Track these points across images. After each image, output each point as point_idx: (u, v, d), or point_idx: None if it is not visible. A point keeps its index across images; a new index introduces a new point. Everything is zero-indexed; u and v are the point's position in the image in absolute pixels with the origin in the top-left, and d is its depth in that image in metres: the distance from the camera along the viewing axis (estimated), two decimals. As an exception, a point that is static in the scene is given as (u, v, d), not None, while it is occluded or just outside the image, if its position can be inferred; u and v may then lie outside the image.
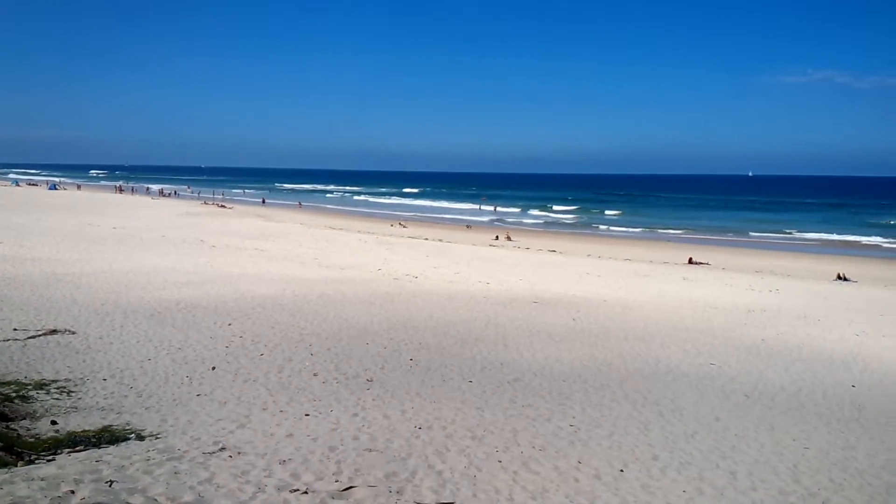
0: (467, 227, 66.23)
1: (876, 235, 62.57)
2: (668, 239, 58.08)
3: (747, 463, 10.96)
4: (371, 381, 14.12)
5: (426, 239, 47.72)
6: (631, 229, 67.60)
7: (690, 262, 39.31)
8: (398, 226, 61.50)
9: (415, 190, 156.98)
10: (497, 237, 52.46)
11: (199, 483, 8.84)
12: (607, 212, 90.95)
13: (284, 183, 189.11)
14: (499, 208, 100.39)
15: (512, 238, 52.27)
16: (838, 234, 64.33)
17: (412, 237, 48.70)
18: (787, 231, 66.51)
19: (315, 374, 14.37)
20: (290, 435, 10.90)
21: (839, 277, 34.05)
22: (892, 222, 76.51)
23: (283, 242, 39.62)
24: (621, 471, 10.37)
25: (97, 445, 9.97)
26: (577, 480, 9.94)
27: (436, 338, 18.11)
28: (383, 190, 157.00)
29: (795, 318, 23.08)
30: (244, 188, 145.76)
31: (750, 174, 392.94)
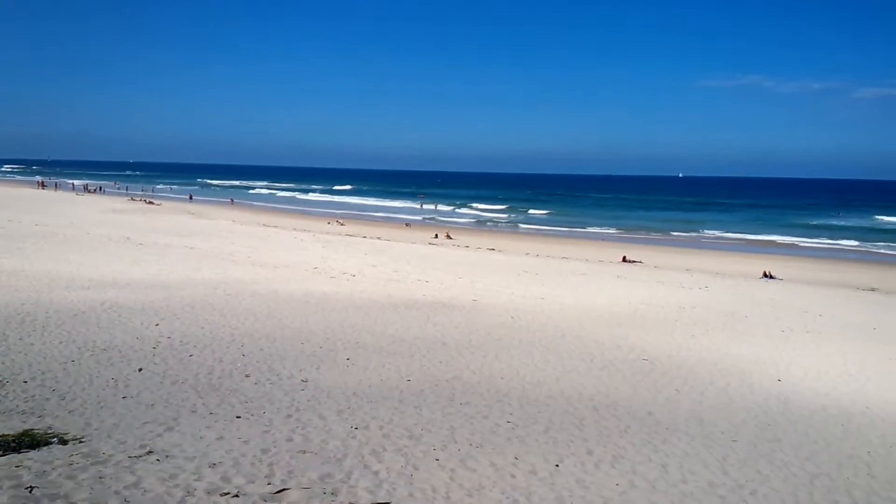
0: (406, 225, 66.04)
1: (795, 235, 65.27)
2: (603, 238, 59.23)
3: (678, 456, 11.20)
4: (306, 381, 13.86)
5: (364, 237, 47.34)
6: (566, 228, 68.67)
7: (624, 260, 40.17)
8: (335, 223, 60.81)
9: (347, 187, 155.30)
10: (436, 235, 52.47)
11: (125, 488, 8.59)
12: (541, 211, 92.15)
13: (213, 179, 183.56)
14: (439, 206, 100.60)
15: (451, 236, 52.37)
16: (762, 233, 66.84)
17: (350, 235, 48.23)
18: (715, 230, 68.71)
19: (247, 376, 14.01)
20: (221, 437, 10.60)
21: (765, 275, 35.32)
22: (812, 223, 79.99)
23: (215, 240, 38.64)
24: (557, 466, 10.46)
25: (17, 450, 9.54)
26: (513, 476, 9.97)
27: (373, 337, 17.92)
28: (315, 187, 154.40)
29: (724, 315, 23.80)
30: (171, 185, 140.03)
31: (680, 175, 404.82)
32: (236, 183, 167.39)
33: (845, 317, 24.44)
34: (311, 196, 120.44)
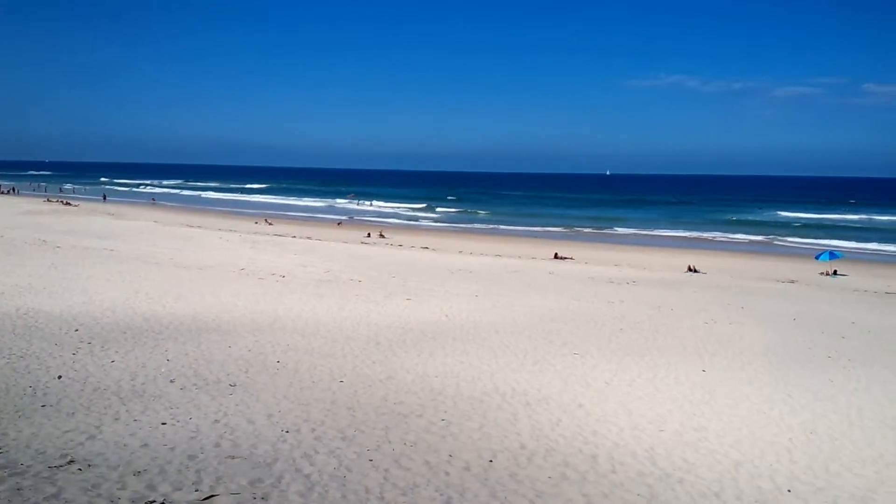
0: (338, 224, 65.31)
1: (718, 231, 67.71)
2: (534, 235, 60.03)
3: (607, 447, 11.44)
4: (234, 385, 13.52)
5: (294, 237, 46.56)
6: (498, 226, 69.31)
7: (556, 257, 40.82)
8: (263, 223, 59.53)
9: (273, 185, 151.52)
10: (369, 234, 52.12)
11: (45, 499, 8.31)
12: (473, 209, 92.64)
13: (122, 178, 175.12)
14: (374, 204, 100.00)
15: (384, 235, 52.11)
16: (687, 229, 69.02)
17: (278, 235, 47.34)
18: (642, 227, 70.57)
19: (172, 381, 13.56)
20: (146, 445, 10.24)
21: (690, 269, 36.47)
22: (733, 218, 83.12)
23: (136, 242, 37.31)
24: (490, 461, 10.51)
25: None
26: (447, 474, 9.97)
27: (304, 338, 17.63)
28: (233, 186, 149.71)
29: (651, 309, 24.44)
30: (82, 185, 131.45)
31: (608, 173, 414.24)
32: (147, 182, 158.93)
33: (766, 308, 25.45)
34: (238, 196, 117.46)
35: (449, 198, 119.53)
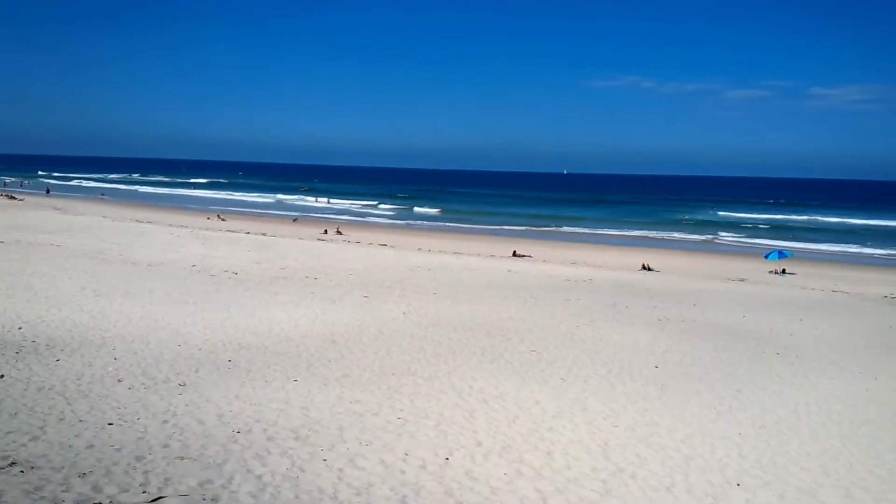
0: (293, 220, 64.42)
1: (671, 230, 69.00)
2: (493, 233, 60.26)
3: (562, 443, 11.50)
4: (184, 385, 13.22)
5: (248, 233, 45.77)
6: (457, 224, 69.38)
7: (514, 255, 41.00)
8: (216, 219, 58.25)
9: (225, 181, 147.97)
10: (325, 231, 51.51)
11: None
12: (432, 208, 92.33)
13: (65, 172, 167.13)
14: (332, 201, 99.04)
15: (342, 232, 51.63)
16: (641, 228, 70.12)
17: (232, 231, 46.48)
18: (598, 225, 71.39)
19: (120, 380, 13.20)
20: (91, 446, 9.95)
21: (644, 268, 37.01)
22: (685, 217, 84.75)
23: (84, 237, 36.26)
24: (447, 459, 10.48)
25: None
26: (403, 472, 9.90)
27: (257, 337, 17.34)
28: (183, 180, 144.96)
29: (607, 306, 24.72)
30: (23, 178, 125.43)
31: (565, 172, 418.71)
32: (91, 175, 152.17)
33: (717, 306, 25.96)
34: (188, 191, 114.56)
35: (407, 195, 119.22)
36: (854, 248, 55.92)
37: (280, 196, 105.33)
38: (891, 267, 44.79)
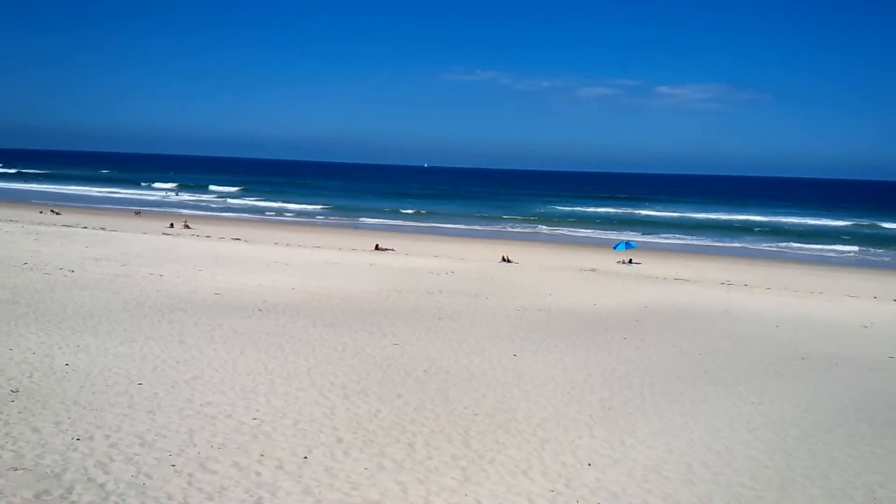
0: (136, 213, 60.50)
1: (529, 222, 71.75)
2: (355, 226, 59.82)
3: (424, 434, 11.53)
4: (16, 391, 12.04)
5: (85, 227, 42.48)
6: (317, 217, 68.21)
7: (377, 248, 40.83)
8: (49, 212, 53.63)
9: (62, 172, 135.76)
10: (172, 224, 48.78)
11: None
12: (290, 201, 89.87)
13: None
14: (180, 195, 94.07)
15: (190, 226, 49.13)
16: (501, 221, 72.23)
17: (67, 226, 42.98)
18: (458, 219, 72.68)
19: (-66, 391, 11.78)
20: None
21: (504, 260, 38.06)
22: (541, 210, 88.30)
23: None
24: (305, 458, 10.20)
25: None
26: (258, 474, 9.53)
27: (97, 338, 16.11)
28: (10, 171, 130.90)
29: (469, 298, 25.16)
30: None
31: (426, 165, 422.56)
32: None
33: (570, 295, 27.14)
34: (17, 184, 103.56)
35: (260, 186, 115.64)
36: (693, 240, 60.52)
37: (123, 189, 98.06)
38: (726, 255, 48.90)
